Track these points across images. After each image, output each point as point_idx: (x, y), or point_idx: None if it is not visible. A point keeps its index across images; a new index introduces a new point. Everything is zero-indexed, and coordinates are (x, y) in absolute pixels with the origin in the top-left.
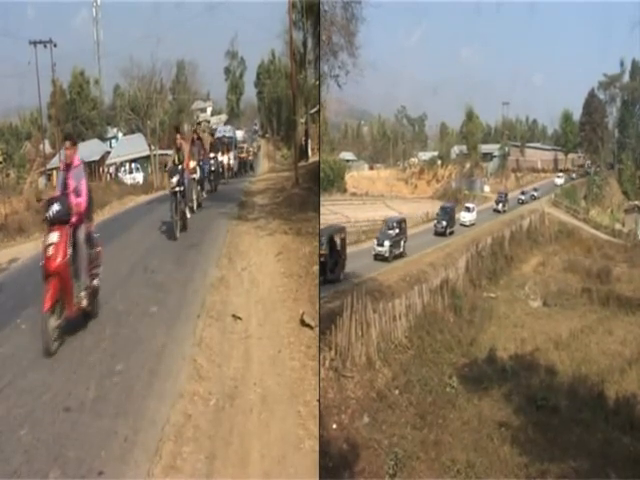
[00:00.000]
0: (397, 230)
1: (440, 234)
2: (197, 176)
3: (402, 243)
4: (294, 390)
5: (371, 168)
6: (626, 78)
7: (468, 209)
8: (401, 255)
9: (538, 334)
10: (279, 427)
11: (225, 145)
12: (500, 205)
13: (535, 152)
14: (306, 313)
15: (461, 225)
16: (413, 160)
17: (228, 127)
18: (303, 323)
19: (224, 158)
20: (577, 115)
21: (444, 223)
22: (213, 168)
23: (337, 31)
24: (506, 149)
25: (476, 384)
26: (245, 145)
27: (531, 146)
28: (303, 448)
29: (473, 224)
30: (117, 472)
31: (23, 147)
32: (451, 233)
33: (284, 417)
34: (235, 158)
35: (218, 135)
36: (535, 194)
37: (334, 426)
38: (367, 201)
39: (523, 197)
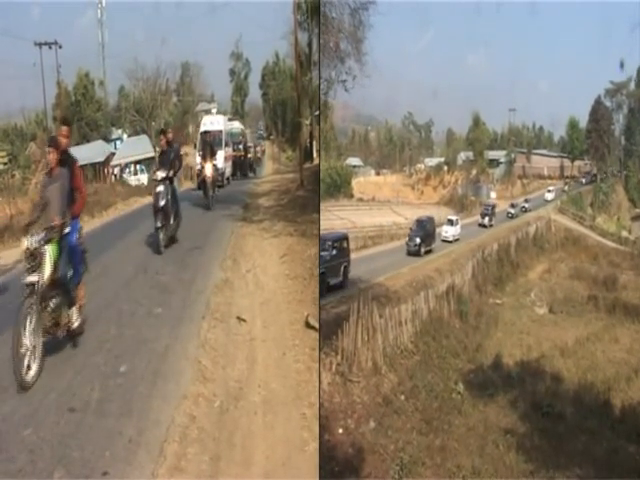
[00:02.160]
0: (334, 251)
1: (413, 254)
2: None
3: (342, 269)
4: (299, 392)
5: (377, 174)
6: (632, 85)
7: (451, 222)
8: (342, 285)
9: (544, 341)
10: (283, 429)
11: (209, 145)
12: (486, 219)
13: (541, 159)
14: (311, 315)
15: (443, 241)
16: (419, 166)
17: (217, 117)
18: (308, 325)
19: (206, 167)
20: (583, 122)
21: (417, 240)
22: (162, 203)
23: (344, 37)
24: (512, 156)
25: (482, 390)
26: (242, 140)
27: (537, 153)
28: (307, 450)
29: (457, 239)
30: (121, 472)
31: (28, 148)
32: (428, 252)
33: (288, 419)
34: (227, 159)
35: (202, 129)
36: (526, 206)
37: (340, 430)
38: (374, 207)
39: (512, 210)
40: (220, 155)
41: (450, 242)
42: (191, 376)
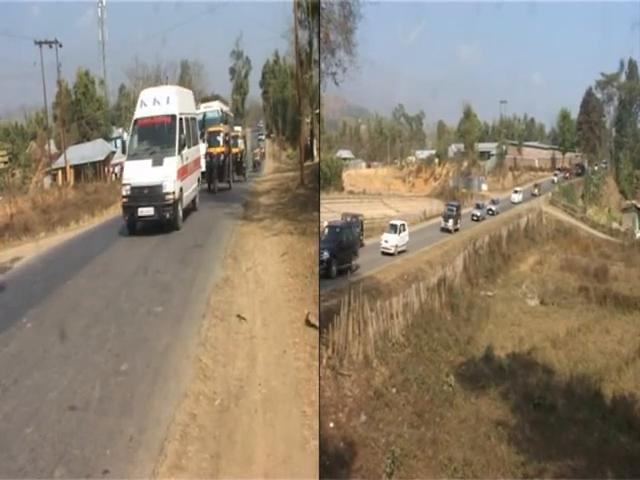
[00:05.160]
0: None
1: (323, 275)
2: None
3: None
4: (299, 390)
5: (368, 166)
6: (623, 78)
7: (394, 228)
8: None
9: (535, 333)
10: (284, 427)
11: (153, 146)
12: (450, 222)
13: (533, 151)
14: (311, 313)
15: (383, 253)
16: (410, 158)
17: (165, 90)
18: (308, 323)
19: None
20: (575, 114)
21: (325, 255)
22: None
23: (334, 29)
24: (503, 148)
25: (473, 382)
26: (223, 128)
27: (529, 145)
28: (308, 448)
29: (403, 251)
30: (122, 471)
31: (29, 147)
32: (345, 271)
33: (289, 417)
34: (189, 171)
35: (137, 114)
36: (493, 208)
37: (331, 424)
38: (364, 199)
39: (478, 213)
40: (170, 165)
41: (391, 254)
42: (191, 374)
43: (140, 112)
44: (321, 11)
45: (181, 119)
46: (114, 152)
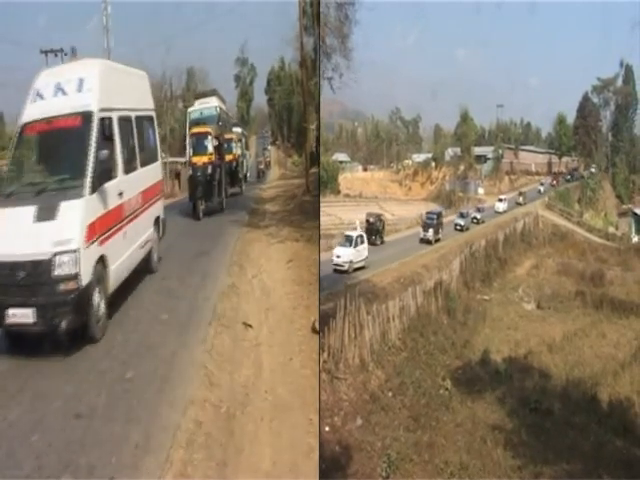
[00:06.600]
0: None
1: None
2: None
3: None
4: (305, 398)
5: (365, 169)
6: (620, 82)
7: (349, 241)
8: None
9: (532, 337)
10: (290, 435)
11: (46, 177)
12: (430, 232)
13: (529, 155)
14: (317, 320)
15: (335, 270)
16: (407, 162)
17: (82, 64)
18: (314, 331)
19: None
20: (571, 118)
21: None
22: None
23: (330, 32)
24: (500, 152)
25: (470, 386)
26: (212, 129)
27: (525, 149)
28: (313, 456)
29: (360, 267)
30: (128, 478)
31: None
32: None
33: (295, 425)
34: (131, 208)
35: (27, 117)
36: (478, 217)
37: (327, 428)
38: (361, 202)
39: (462, 222)
40: (71, 217)
41: (345, 272)
42: (197, 382)
43: (30, 111)
44: (322, 17)
45: (107, 119)
46: None
